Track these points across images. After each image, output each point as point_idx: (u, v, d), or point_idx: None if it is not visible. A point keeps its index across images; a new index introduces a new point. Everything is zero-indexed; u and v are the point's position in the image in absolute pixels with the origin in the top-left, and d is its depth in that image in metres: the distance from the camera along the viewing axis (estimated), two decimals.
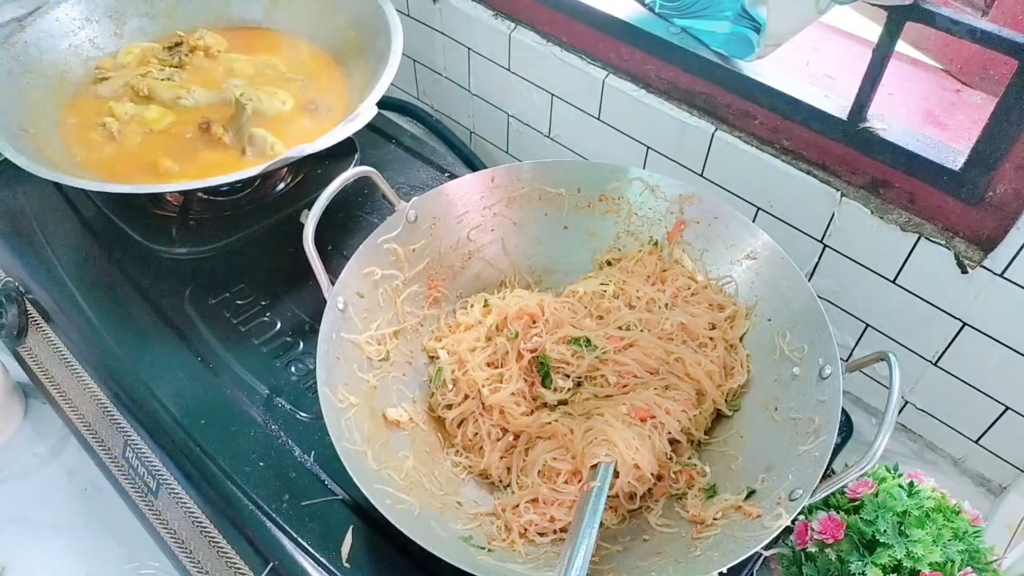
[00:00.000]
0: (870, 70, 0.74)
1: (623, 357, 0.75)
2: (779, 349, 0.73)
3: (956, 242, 0.76)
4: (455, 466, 0.73)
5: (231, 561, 0.75)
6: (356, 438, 0.65)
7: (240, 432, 0.77)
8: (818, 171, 0.84)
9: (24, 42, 0.99)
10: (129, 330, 0.86)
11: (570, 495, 0.68)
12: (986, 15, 0.68)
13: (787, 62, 0.91)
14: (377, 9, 1.01)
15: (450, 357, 0.77)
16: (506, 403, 0.73)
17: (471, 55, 1.15)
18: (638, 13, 0.93)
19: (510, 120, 1.17)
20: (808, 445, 0.64)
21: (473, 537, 0.66)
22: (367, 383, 0.72)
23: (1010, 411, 0.81)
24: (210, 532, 0.77)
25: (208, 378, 0.81)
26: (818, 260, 0.88)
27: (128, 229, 0.92)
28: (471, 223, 0.84)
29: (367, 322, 0.75)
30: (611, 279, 0.82)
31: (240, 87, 1.00)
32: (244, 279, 0.91)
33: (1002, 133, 0.68)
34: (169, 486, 0.80)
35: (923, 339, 0.84)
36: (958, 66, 0.94)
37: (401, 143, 1.11)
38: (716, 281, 0.81)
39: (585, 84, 1.00)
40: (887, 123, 0.78)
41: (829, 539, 0.67)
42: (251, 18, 1.15)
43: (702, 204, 0.81)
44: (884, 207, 0.80)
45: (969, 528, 0.67)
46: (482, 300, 0.82)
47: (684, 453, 0.72)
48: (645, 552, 0.65)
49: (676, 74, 0.92)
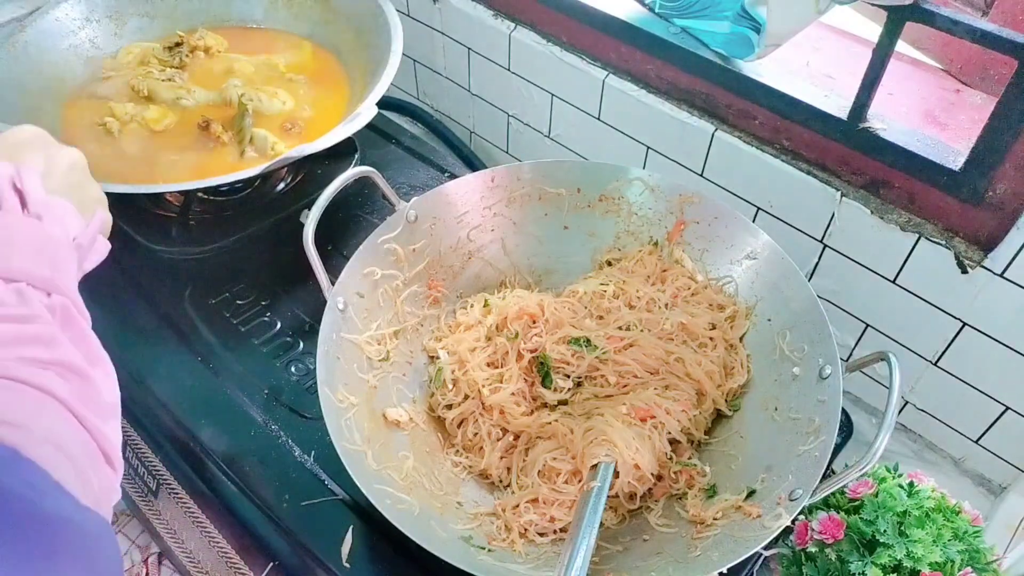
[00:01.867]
0: (870, 70, 0.74)
1: (623, 357, 0.75)
2: (779, 349, 0.73)
3: (956, 242, 0.76)
4: (455, 466, 0.73)
5: (231, 561, 0.75)
6: (356, 438, 0.65)
7: (240, 432, 0.77)
8: (818, 171, 0.84)
9: (24, 42, 0.99)
10: (129, 330, 0.86)
11: (570, 495, 0.68)
12: (986, 15, 0.68)
13: (787, 62, 0.91)
14: (377, 9, 1.01)
15: (450, 357, 0.77)
16: (506, 403, 0.73)
17: (471, 55, 1.15)
18: (638, 13, 0.93)
19: (510, 120, 1.17)
20: (808, 445, 0.64)
21: (473, 537, 0.66)
22: (367, 383, 0.72)
23: (1010, 411, 0.81)
24: (210, 532, 0.77)
25: (208, 378, 0.81)
26: (818, 260, 0.88)
27: (128, 229, 0.93)
28: (471, 223, 0.84)
29: (367, 322, 0.75)
30: (611, 279, 0.82)
31: (240, 87, 1.00)
32: (244, 279, 0.91)
33: (1002, 133, 0.68)
34: (169, 486, 0.80)
35: (923, 339, 0.84)
36: (958, 66, 0.94)
37: (401, 143, 1.11)
38: (716, 281, 0.81)
39: (585, 84, 1.00)
40: (887, 123, 0.78)
41: (829, 539, 0.67)
42: (251, 18, 1.15)
43: (702, 204, 0.81)
44: (884, 207, 0.80)
45: (969, 528, 0.68)
46: (482, 300, 0.82)
47: (684, 453, 0.72)
48: (645, 552, 0.65)
49: (676, 74, 0.92)
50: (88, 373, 0.45)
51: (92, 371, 0.46)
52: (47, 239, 0.48)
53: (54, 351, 0.43)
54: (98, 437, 0.43)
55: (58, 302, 0.46)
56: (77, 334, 0.46)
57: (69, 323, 0.46)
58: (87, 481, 0.40)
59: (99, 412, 0.44)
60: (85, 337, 0.47)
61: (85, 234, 0.52)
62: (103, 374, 0.47)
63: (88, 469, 0.41)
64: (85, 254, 0.53)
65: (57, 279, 0.47)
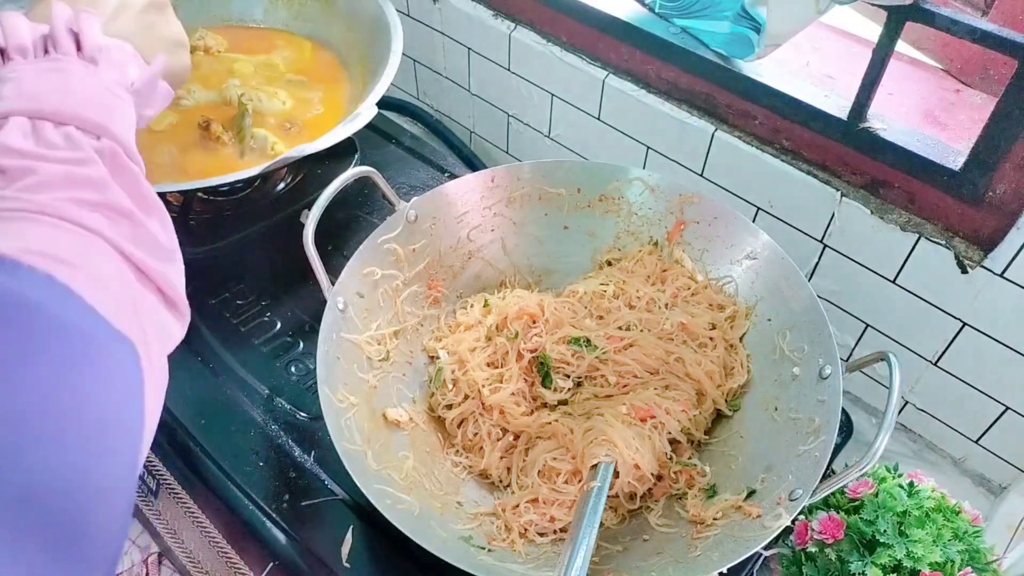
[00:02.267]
0: (870, 70, 0.74)
1: (623, 357, 0.75)
2: (779, 349, 0.73)
3: (956, 242, 0.76)
4: (455, 466, 0.73)
5: (231, 561, 0.75)
6: (356, 438, 0.65)
7: (240, 432, 0.77)
8: (818, 171, 0.84)
9: None
10: None
11: (570, 495, 0.68)
12: (986, 15, 0.68)
13: (787, 62, 0.91)
14: (377, 9, 1.01)
15: (450, 357, 0.77)
16: (506, 403, 0.73)
17: (471, 55, 1.15)
18: (638, 13, 0.93)
19: (510, 120, 1.17)
20: (808, 445, 0.64)
21: (473, 537, 0.66)
22: (367, 383, 0.72)
23: (1010, 411, 0.81)
24: (210, 532, 0.77)
25: (208, 378, 0.81)
26: (818, 260, 0.88)
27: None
28: (471, 223, 0.84)
29: (367, 322, 0.75)
30: (611, 279, 0.82)
31: (240, 87, 1.00)
32: (244, 279, 0.91)
33: (1002, 133, 0.68)
34: (169, 486, 0.80)
35: (923, 339, 0.84)
36: (958, 66, 0.94)
37: (401, 143, 1.11)
38: (716, 281, 0.81)
39: (585, 84, 1.00)
40: (887, 123, 0.78)
41: (829, 539, 0.67)
42: (251, 18, 1.15)
43: (702, 204, 0.81)
44: (884, 207, 0.80)
45: (969, 528, 0.67)
46: (482, 300, 0.82)
47: (684, 453, 0.72)
48: (645, 552, 0.65)
49: (676, 74, 0.92)
50: (139, 216, 0.44)
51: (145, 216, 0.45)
52: (100, 84, 0.47)
53: (104, 194, 0.42)
54: (156, 277, 0.43)
55: (107, 146, 0.45)
56: (128, 179, 0.46)
57: (119, 168, 0.45)
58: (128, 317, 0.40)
59: (155, 254, 0.44)
60: (137, 182, 0.46)
61: (142, 79, 0.50)
62: (158, 220, 0.47)
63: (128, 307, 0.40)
64: (146, 100, 0.51)
65: (108, 124, 0.46)
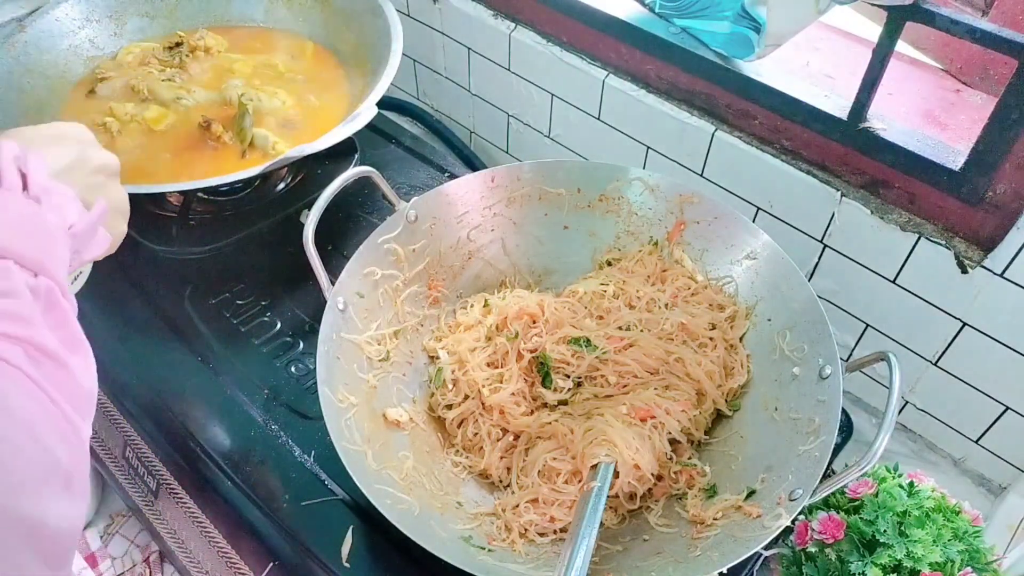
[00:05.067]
0: (870, 70, 0.74)
1: (623, 357, 0.75)
2: (779, 349, 0.73)
3: (956, 242, 0.76)
4: (455, 466, 0.73)
5: (231, 561, 0.75)
6: (356, 438, 0.65)
7: (240, 432, 0.77)
8: (818, 171, 0.84)
9: (24, 42, 0.99)
10: (129, 330, 0.86)
11: (570, 495, 0.68)
12: (986, 15, 0.68)
13: (787, 62, 0.91)
14: (377, 9, 1.02)
15: (450, 357, 0.77)
16: (506, 403, 0.73)
17: (471, 55, 1.15)
18: (638, 13, 0.93)
19: (510, 120, 1.17)
20: (808, 445, 0.64)
21: (473, 537, 0.66)
22: (367, 383, 0.72)
23: (1010, 411, 0.81)
24: (210, 532, 0.77)
25: (208, 378, 0.81)
26: (818, 260, 0.88)
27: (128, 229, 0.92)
28: (471, 223, 0.84)
29: (367, 322, 0.75)
30: (611, 279, 0.82)
31: (240, 87, 1.00)
32: (244, 279, 0.91)
33: (1002, 133, 0.68)
34: (169, 486, 0.80)
35: (923, 339, 0.84)
36: (958, 66, 0.94)
37: (401, 143, 1.11)
38: (716, 281, 0.81)
39: (585, 84, 1.00)
40: (887, 123, 0.78)
41: (829, 539, 0.67)
42: (251, 18, 1.15)
43: (702, 204, 0.81)
44: (884, 207, 0.80)
45: (969, 528, 0.67)
46: (482, 300, 0.82)
47: (684, 453, 0.72)
48: (645, 552, 0.65)
49: (676, 74, 0.92)
50: (63, 359, 0.44)
51: (69, 358, 0.45)
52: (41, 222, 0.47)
53: (27, 330, 0.42)
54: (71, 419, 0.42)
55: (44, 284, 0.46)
56: (59, 318, 0.46)
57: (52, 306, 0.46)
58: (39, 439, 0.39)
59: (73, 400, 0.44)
60: (67, 322, 0.47)
61: (82, 222, 0.51)
62: (82, 362, 0.47)
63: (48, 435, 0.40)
64: (83, 244, 0.52)
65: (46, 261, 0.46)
